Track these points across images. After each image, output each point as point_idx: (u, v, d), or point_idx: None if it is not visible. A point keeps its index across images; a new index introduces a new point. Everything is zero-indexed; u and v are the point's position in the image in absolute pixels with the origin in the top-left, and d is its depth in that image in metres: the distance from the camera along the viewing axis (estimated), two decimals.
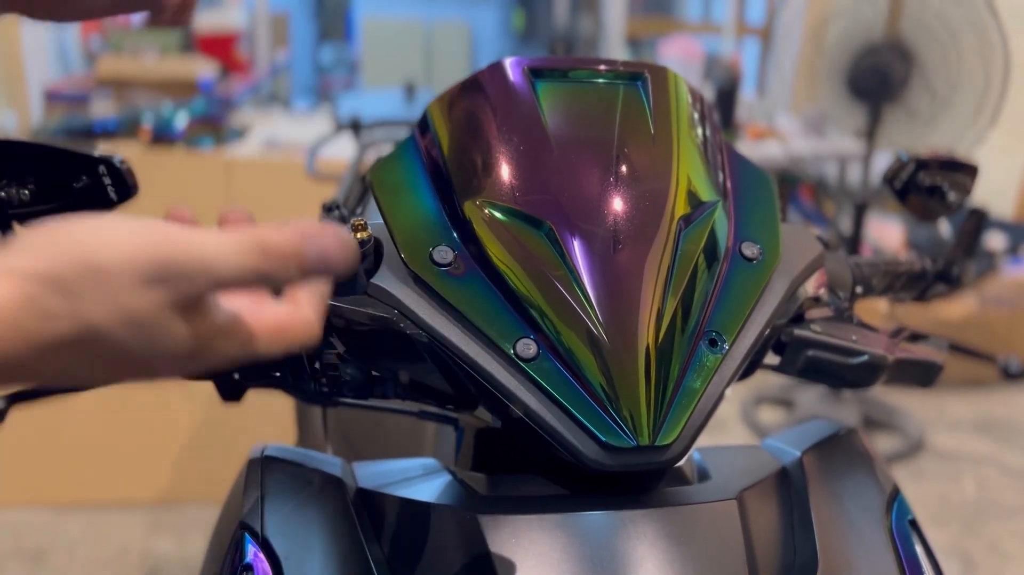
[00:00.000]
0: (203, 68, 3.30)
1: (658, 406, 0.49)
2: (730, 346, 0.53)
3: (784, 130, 3.15)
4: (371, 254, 0.54)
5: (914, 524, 0.58)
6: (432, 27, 7.03)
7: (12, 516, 2.12)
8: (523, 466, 0.57)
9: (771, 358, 0.62)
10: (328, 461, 0.58)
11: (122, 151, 0.60)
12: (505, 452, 0.59)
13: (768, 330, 0.56)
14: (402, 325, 0.53)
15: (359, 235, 0.53)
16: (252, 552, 0.52)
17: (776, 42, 4.50)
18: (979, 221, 0.74)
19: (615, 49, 4.37)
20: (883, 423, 2.74)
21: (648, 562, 0.49)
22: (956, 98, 2.37)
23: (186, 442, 2.21)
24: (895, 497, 0.59)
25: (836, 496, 0.58)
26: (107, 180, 0.57)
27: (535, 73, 0.59)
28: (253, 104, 3.51)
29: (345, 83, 7.03)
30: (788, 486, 0.59)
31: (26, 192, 0.57)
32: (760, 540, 0.53)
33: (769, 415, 2.83)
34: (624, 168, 0.55)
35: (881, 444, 2.64)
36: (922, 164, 0.74)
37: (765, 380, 3.06)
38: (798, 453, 0.61)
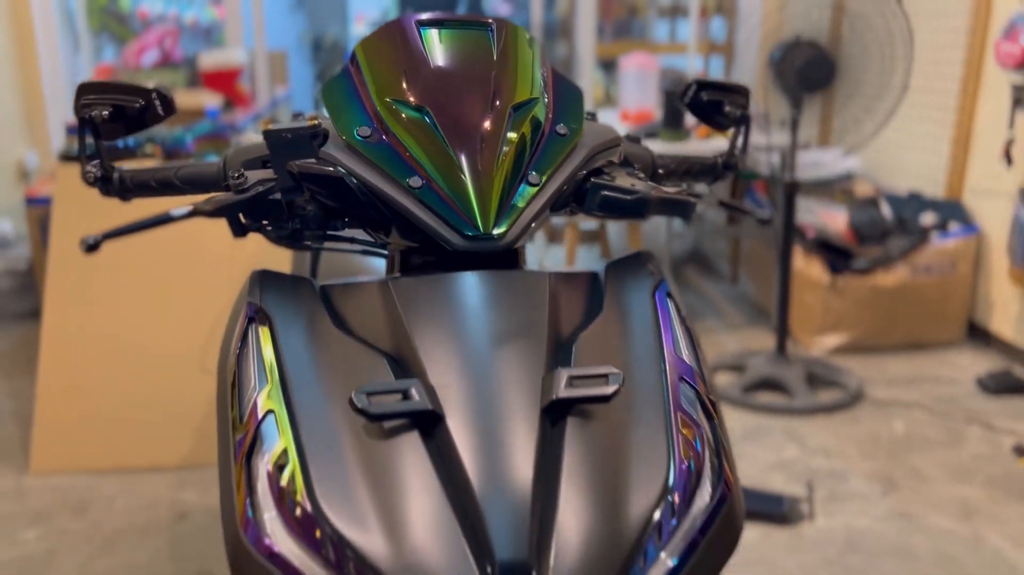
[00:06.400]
0: (209, 100, 3.68)
1: (497, 213, 0.83)
2: (544, 182, 0.87)
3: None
4: (321, 135, 0.88)
5: (671, 295, 0.90)
6: None
7: (56, 480, 2.45)
8: (426, 269, 0.90)
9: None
10: (303, 277, 0.92)
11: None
12: (416, 259, 0.92)
13: (571, 175, 0.89)
14: (341, 175, 0.86)
15: (312, 124, 0.87)
16: (254, 312, 0.85)
17: (736, 56, 4.88)
18: (747, 124, 1.07)
19: (586, 69, 4.76)
20: (826, 379, 3.05)
21: (484, 303, 0.81)
22: (865, 78, 2.72)
23: (208, 413, 2.54)
24: (660, 282, 0.91)
25: (621, 283, 0.91)
26: (157, 103, 0.92)
27: (420, 24, 0.94)
28: (255, 130, 3.88)
29: None
30: (594, 282, 0.91)
31: (105, 113, 0.92)
32: (563, 302, 0.86)
33: (763, 397, 3.14)
34: (476, 77, 0.90)
35: (824, 397, 2.95)
36: (703, 85, 1.07)
37: (721, 350, 3.37)
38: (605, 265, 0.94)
